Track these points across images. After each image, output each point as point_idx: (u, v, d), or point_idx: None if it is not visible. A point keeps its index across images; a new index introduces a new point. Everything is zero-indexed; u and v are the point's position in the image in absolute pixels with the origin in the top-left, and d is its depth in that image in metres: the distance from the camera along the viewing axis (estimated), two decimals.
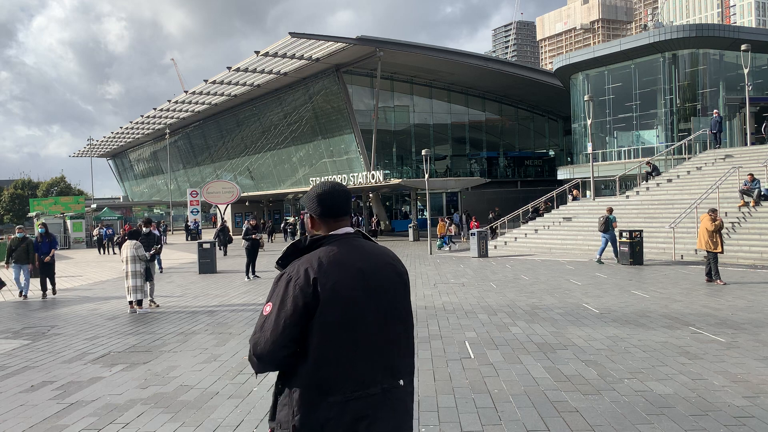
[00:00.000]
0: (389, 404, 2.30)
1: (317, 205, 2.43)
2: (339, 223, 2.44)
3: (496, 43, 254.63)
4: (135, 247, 11.47)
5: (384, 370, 2.31)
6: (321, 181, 2.60)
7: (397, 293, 2.41)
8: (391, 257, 2.49)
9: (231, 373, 6.79)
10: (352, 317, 2.27)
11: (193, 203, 46.58)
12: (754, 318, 8.96)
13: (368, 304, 2.30)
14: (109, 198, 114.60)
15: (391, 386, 2.31)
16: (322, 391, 2.24)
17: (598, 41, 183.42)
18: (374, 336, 2.30)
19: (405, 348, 2.41)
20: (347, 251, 2.35)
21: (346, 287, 2.27)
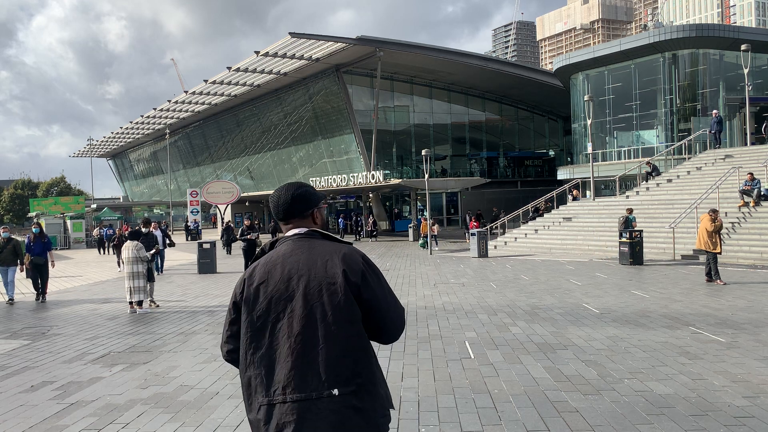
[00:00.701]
0: (321, 415, 2.16)
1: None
2: (288, 225, 2.47)
3: (496, 43, 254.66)
4: (136, 248, 11.46)
5: (310, 377, 2.19)
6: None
7: (323, 294, 2.24)
8: (331, 255, 2.30)
9: (231, 373, 6.79)
10: (271, 318, 2.27)
11: (193, 203, 46.58)
12: (754, 318, 8.96)
13: (287, 306, 2.26)
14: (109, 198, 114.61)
15: (320, 395, 2.17)
16: (250, 391, 2.28)
17: (598, 41, 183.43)
18: (294, 339, 2.23)
19: (338, 356, 2.21)
20: (283, 252, 2.36)
21: (269, 288, 2.29)
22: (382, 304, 2.31)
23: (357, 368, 2.23)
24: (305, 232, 2.42)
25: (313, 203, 2.48)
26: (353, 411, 2.18)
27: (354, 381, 2.21)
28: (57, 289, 16.45)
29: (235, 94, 47.45)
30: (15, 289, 13.83)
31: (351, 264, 2.29)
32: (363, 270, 2.29)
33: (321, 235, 2.43)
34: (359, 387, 2.21)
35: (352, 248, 2.38)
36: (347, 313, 2.24)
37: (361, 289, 2.26)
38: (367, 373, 2.25)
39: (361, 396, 2.21)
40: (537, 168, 52.19)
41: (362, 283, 2.27)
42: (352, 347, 2.24)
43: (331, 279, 2.25)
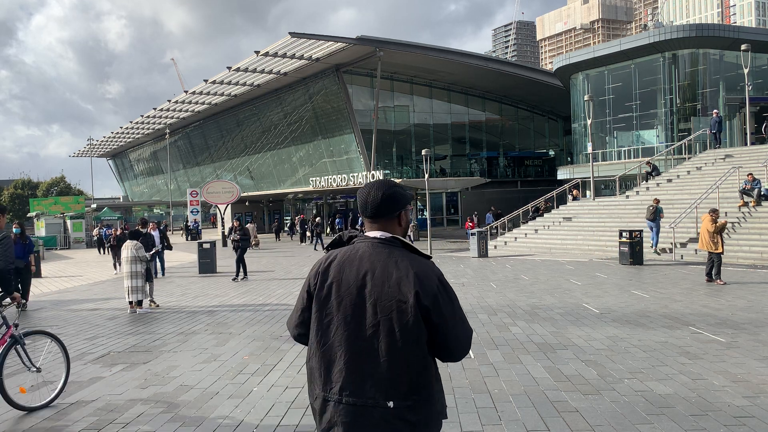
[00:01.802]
0: (371, 421, 2.20)
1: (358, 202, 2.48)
2: (370, 225, 2.43)
3: (496, 43, 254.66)
4: (135, 248, 11.47)
5: (368, 385, 2.23)
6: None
7: (391, 313, 2.24)
8: (408, 275, 2.26)
9: (231, 373, 6.79)
10: (337, 319, 2.30)
11: (193, 203, 46.59)
12: (754, 318, 8.96)
13: (355, 314, 2.28)
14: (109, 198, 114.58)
15: (377, 404, 2.21)
16: (312, 379, 2.37)
17: (598, 41, 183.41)
18: (356, 346, 2.26)
19: (399, 371, 2.22)
20: (360, 255, 2.34)
21: (341, 290, 2.31)
22: (450, 327, 2.28)
23: (415, 386, 2.25)
24: (387, 238, 2.37)
25: (402, 205, 2.42)
26: (405, 424, 2.21)
27: (411, 397, 2.23)
28: (57, 289, 16.45)
29: (235, 94, 47.44)
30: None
31: (425, 286, 2.25)
32: (436, 293, 2.26)
33: (401, 243, 2.38)
34: (415, 403, 2.24)
35: (429, 266, 2.34)
36: (414, 333, 2.23)
37: (431, 312, 2.24)
38: (425, 391, 2.28)
39: (417, 410, 2.24)
40: (537, 168, 52.19)
41: (433, 306, 2.24)
42: (414, 365, 2.25)
43: (403, 298, 2.23)
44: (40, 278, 19.66)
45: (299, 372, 6.73)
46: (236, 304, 11.96)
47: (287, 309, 11.12)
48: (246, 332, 9.06)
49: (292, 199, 52.03)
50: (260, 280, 16.53)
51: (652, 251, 18.51)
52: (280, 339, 8.51)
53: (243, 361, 7.33)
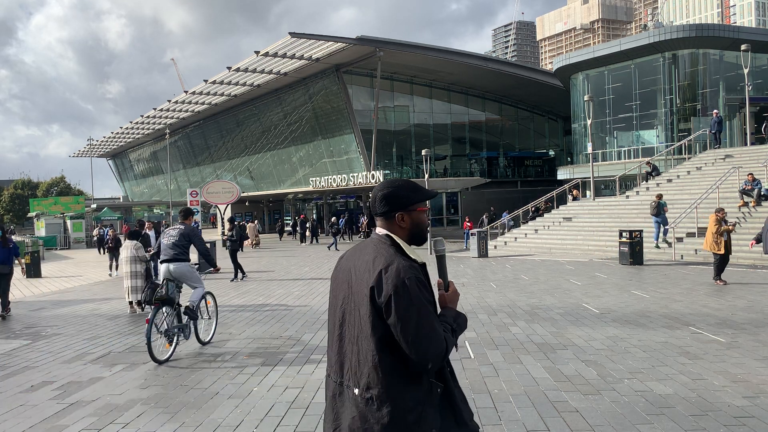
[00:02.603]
0: (346, 404, 2.34)
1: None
2: (377, 222, 2.49)
3: (496, 43, 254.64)
4: (135, 248, 11.48)
5: (342, 368, 2.38)
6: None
7: (352, 301, 2.33)
8: (372, 267, 2.29)
9: (231, 373, 6.79)
10: (331, 305, 2.50)
11: (193, 203, 46.55)
12: (754, 318, 8.96)
13: (339, 297, 2.44)
14: (109, 198, 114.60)
15: (345, 386, 2.35)
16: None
17: (598, 41, 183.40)
18: (336, 333, 2.42)
19: (362, 362, 2.27)
20: (359, 248, 2.49)
21: (335, 279, 2.51)
22: (403, 332, 2.20)
23: (371, 380, 2.26)
24: (383, 235, 2.43)
25: (397, 206, 2.41)
26: (368, 416, 2.25)
27: (369, 391, 2.26)
28: (57, 289, 16.45)
29: (235, 94, 47.44)
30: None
31: (382, 285, 2.24)
32: (391, 294, 2.21)
33: (392, 242, 2.39)
34: (374, 397, 2.25)
35: (399, 268, 2.25)
36: (367, 327, 2.27)
37: (384, 312, 2.24)
38: (382, 390, 2.23)
39: (377, 407, 2.24)
40: (537, 168, 52.20)
41: (385, 306, 2.23)
42: (372, 360, 2.26)
43: (362, 292, 2.30)
44: (40, 278, 19.67)
45: (299, 372, 6.74)
46: (236, 304, 11.96)
47: (287, 309, 11.13)
48: (246, 332, 9.06)
49: (292, 199, 52.03)
50: (260, 280, 16.53)
51: (652, 246, 18.58)
52: (280, 339, 8.51)
53: (243, 361, 7.33)
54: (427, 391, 2.27)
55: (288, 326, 9.44)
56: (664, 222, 18.76)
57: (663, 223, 18.77)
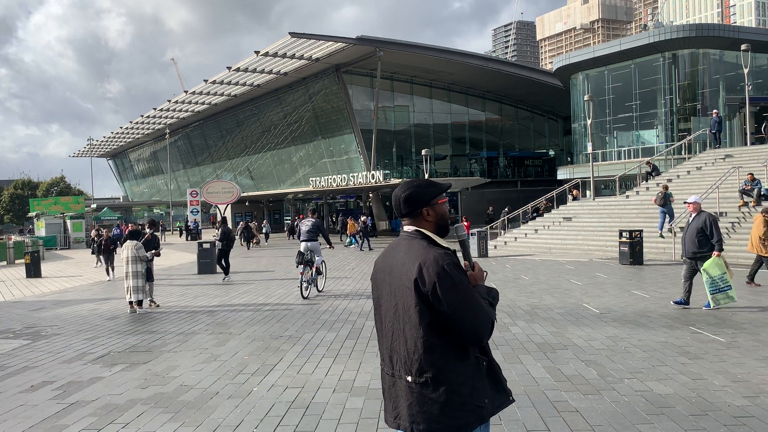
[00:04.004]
0: (400, 393, 2.54)
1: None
2: (404, 221, 2.70)
3: (496, 43, 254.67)
4: (135, 248, 11.48)
5: (394, 359, 2.57)
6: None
7: (402, 294, 2.52)
8: (414, 260, 2.48)
9: (231, 373, 6.79)
10: (378, 304, 2.69)
11: (193, 203, 46.59)
12: (754, 318, 8.95)
13: (384, 296, 2.64)
14: (109, 198, 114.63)
15: (398, 376, 2.55)
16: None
17: (598, 41, 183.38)
18: (386, 325, 2.62)
19: (412, 350, 2.49)
20: (393, 247, 2.69)
21: (377, 277, 2.71)
22: (453, 314, 2.41)
23: (424, 365, 2.47)
24: (412, 231, 2.63)
25: (422, 202, 2.63)
26: (425, 399, 2.47)
27: (424, 374, 2.47)
28: (57, 289, 16.46)
29: (235, 94, 47.45)
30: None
31: (425, 273, 2.44)
32: (435, 281, 2.41)
33: (423, 236, 2.60)
34: (429, 380, 2.46)
35: (436, 256, 2.46)
36: (415, 316, 2.47)
37: (430, 297, 2.43)
38: (436, 372, 2.45)
39: (433, 388, 2.45)
40: (537, 168, 52.21)
41: (432, 293, 2.42)
42: (423, 346, 2.47)
43: (407, 284, 2.49)
44: (40, 278, 19.67)
45: (299, 372, 6.74)
46: (236, 304, 11.96)
47: (287, 309, 11.13)
48: (246, 332, 9.07)
49: (292, 199, 52.02)
50: (260, 280, 16.53)
51: (657, 236, 18.80)
52: (280, 339, 8.51)
53: (243, 361, 7.33)
54: (475, 365, 2.50)
55: (288, 326, 9.44)
56: (671, 213, 18.95)
57: (669, 214, 18.95)
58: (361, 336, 8.52)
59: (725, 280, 9.37)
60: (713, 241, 9.56)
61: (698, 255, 9.68)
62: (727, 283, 9.36)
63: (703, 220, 9.65)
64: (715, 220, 9.69)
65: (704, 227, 9.62)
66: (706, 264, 9.43)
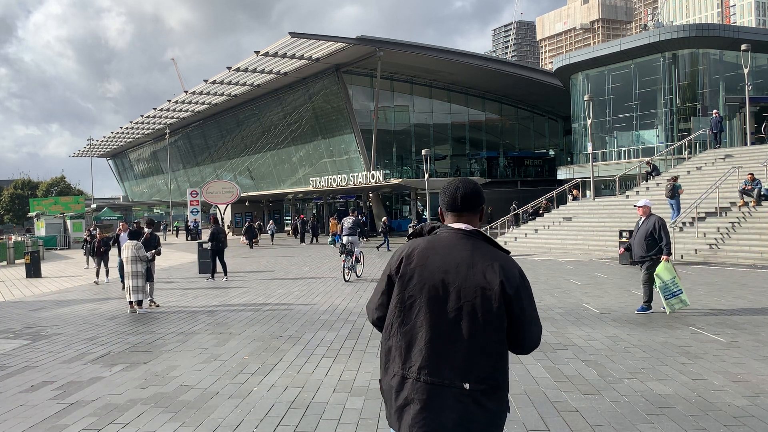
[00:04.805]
0: (446, 401, 2.34)
1: (440, 197, 2.66)
2: (455, 218, 2.57)
3: (496, 43, 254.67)
4: (135, 248, 11.48)
5: (447, 367, 2.36)
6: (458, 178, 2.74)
7: (477, 299, 2.37)
8: (492, 263, 2.40)
9: (231, 373, 6.79)
10: (421, 303, 2.42)
11: (193, 203, 46.58)
12: (754, 318, 8.95)
13: (440, 298, 2.40)
14: (109, 198, 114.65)
15: (453, 384, 2.34)
16: (389, 358, 2.48)
17: (598, 41, 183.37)
18: (439, 329, 2.38)
19: (477, 355, 2.36)
20: (446, 243, 2.48)
21: (425, 274, 2.44)
22: (527, 320, 2.42)
23: (491, 371, 2.38)
24: (471, 230, 2.52)
25: (484, 200, 2.63)
26: (478, 407, 2.34)
27: (486, 381, 2.36)
28: (57, 289, 16.46)
29: (235, 94, 47.45)
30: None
31: (509, 276, 2.40)
32: (518, 285, 2.41)
33: (484, 237, 2.52)
34: (489, 387, 2.36)
35: (512, 260, 2.48)
36: (496, 320, 2.37)
37: (513, 302, 2.39)
38: (500, 378, 2.40)
39: (489, 396, 2.36)
40: (537, 168, 52.20)
41: (515, 297, 2.39)
42: (492, 351, 2.38)
43: (488, 285, 2.37)
44: (40, 278, 19.67)
45: (299, 372, 6.74)
46: (236, 304, 11.97)
47: (287, 309, 11.13)
48: (246, 332, 9.06)
49: (292, 199, 52.01)
50: (260, 279, 16.53)
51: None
52: (280, 339, 8.51)
53: (243, 361, 7.33)
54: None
55: (288, 326, 9.44)
56: (677, 207, 19.12)
57: (676, 207, 19.13)
58: (361, 336, 8.52)
59: (676, 284, 9.29)
60: (662, 244, 9.51)
61: (646, 259, 9.66)
62: (678, 287, 9.29)
63: (653, 223, 9.62)
64: (663, 224, 9.64)
65: (653, 231, 9.59)
66: (658, 269, 9.37)
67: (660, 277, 9.35)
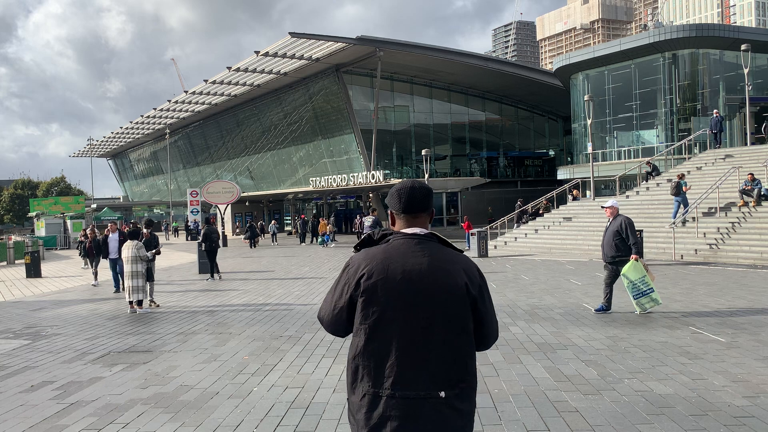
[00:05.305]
0: (423, 412, 2.27)
1: (390, 199, 2.54)
2: (411, 220, 2.49)
3: (496, 43, 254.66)
4: (136, 248, 11.49)
5: (422, 377, 2.29)
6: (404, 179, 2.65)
7: (445, 302, 2.33)
8: (454, 265, 2.38)
9: (231, 373, 6.79)
10: (389, 317, 2.33)
11: (193, 203, 46.57)
12: (754, 318, 8.95)
13: (409, 307, 2.33)
14: (109, 198, 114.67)
15: (429, 395, 2.28)
16: (359, 376, 2.37)
17: (598, 41, 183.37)
18: (411, 340, 2.32)
19: (450, 360, 2.33)
20: (404, 251, 2.39)
21: (389, 286, 2.34)
22: (489, 316, 2.46)
23: (463, 373, 2.36)
24: (427, 234, 2.46)
25: (433, 199, 2.57)
26: (454, 412, 2.31)
27: (459, 385, 2.34)
28: (57, 289, 16.46)
29: (235, 94, 47.45)
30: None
31: (471, 277, 2.40)
32: (480, 284, 2.43)
33: (439, 239, 2.47)
34: (462, 390, 2.34)
35: (469, 259, 2.48)
36: (465, 322, 2.37)
37: (477, 301, 2.40)
38: (471, 378, 2.39)
39: (462, 398, 2.34)
40: (537, 168, 52.22)
41: (479, 296, 2.41)
42: (464, 354, 2.37)
43: (454, 289, 2.35)
44: (40, 278, 19.67)
45: (299, 372, 6.73)
46: (236, 304, 11.97)
47: (287, 309, 11.13)
48: (246, 332, 9.06)
49: (292, 199, 52.02)
50: (260, 279, 16.53)
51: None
52: (280, 339, 8.51)
53: (243, 361, 7.33)
54: None
55: (288, 326, 9.44)
56: (684, 202, 19.17)
57: (683, 203, 19.19)
58: None
59: (646, 283, 9.22)
60: (630, 243, 9.50)
61: (616, 259, 9.64)
62: (649, 285, 9.22)
63: (620, 223, 9.62)
64: (630, 224, 9.64)
65: (620, 231, 9.60)
66: (625, 268, 9.32)
67: (627, 276, 9.29)
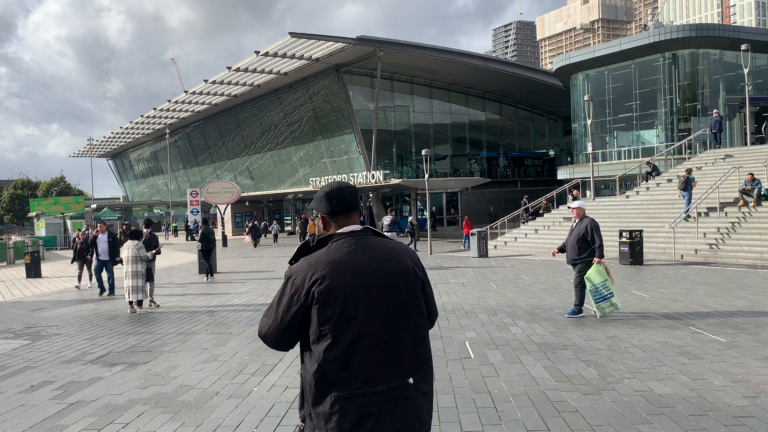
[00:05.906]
0: (397, 403, 2.29)
1: (320, 204, 2.51)
2: (345, 221, 2.49)
3: (496, 43, 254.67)
4: (136, 248, 11.49)
5: (390, 368, 2.30)
6: (328, 182, 2.68)
7: (400, 288, 2.38)
8: (398, 252, 2.46)
9: (231, 373, 6.79)
10: (349, 315, 2.29)
11: (193, 203, 46.55)
12: (754, 318, 8.95)
13: (367, 302, 2.31)
14: (109, 198, 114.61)
15: (399, 384, 2.30)
16: (325, 384, 2.29)
17: (598, 41, 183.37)
18: (375, 333, 2.30)
19: (413, 345, 2.38)
20: (348, 250, 2.37)
21: (342, 286, 2.30)
22: (432, 297, 2.58)
23: (426, 356, 2.45)
24: (362, 229, 2.48)
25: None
26: (421, 395, 2.37)
27: (423, 368, 2.41)
28: (57, 289, 16.46)
29: (235, 94, 47.44)
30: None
31: (416, 261, 2.52)
32: (422, 266, 2.55)
33: (373, 231, 2.52)
34: (426, 373, 2.42)
35: (408, 246, 2.65)
36: (420, 304, 2.47)
37: (424, 283, 2.52)
38: (430, 359, 2.48)
39: (426, 380, 2.42)
40: (537, 168, 52.21)
41: (425, 278, 2.53)
42: (423, 336, 2.46)
43: (405, 275, 2.42)
44: (40, 278, 19.67)
45: (299, 372, 6.73)
46: (236, 304, 11.97)
47: None
48: (246, 332, 9.06)
49: (292, 199, 52.02)
50: (260, 279, 16.54)
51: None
52: None
53: (243, 361, 7.33)
54: None
55: None
56: (689, 199, 19.39)
57: (687, 199, 19.42)
58: None
59: (607, 287, 9.13)
60: (594, 246, 9.46)
61: (578, 261, 9.57)
62: (609, 290, 9.14)
63: (585, 225, 9.56)
64: (596, 226, 9.57)
65: (585, 233, 9.54)
66: (589, 272, 9.20)
67: (590, 280, 9.18)
